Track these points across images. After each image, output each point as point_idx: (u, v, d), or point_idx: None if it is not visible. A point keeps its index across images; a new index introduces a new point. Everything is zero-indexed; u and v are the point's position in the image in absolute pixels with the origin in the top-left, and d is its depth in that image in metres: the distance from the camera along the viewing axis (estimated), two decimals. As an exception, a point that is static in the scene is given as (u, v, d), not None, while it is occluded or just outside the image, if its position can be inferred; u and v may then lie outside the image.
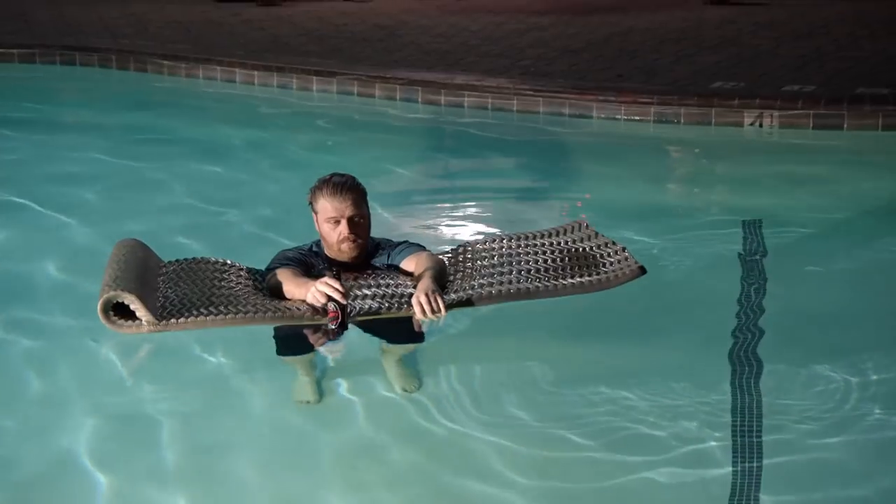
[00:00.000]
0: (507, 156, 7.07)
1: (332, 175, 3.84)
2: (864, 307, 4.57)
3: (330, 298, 3.46)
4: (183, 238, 5.32)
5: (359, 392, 3.79)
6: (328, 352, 3.99)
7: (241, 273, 3.97)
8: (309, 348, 3.90)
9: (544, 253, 3.95)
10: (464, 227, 5.66)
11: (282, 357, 3.90)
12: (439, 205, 6.11)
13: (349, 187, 3.78)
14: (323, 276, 3.59)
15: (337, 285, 3.47)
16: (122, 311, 3.48)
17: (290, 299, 3.66)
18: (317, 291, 3.47)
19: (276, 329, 3.87)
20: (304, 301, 3.57)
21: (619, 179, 6.47)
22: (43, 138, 7.43)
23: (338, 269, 3.72)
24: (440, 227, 5.68)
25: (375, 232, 4.02)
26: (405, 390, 3.76)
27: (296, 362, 3.92)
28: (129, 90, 8.78)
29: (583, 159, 6.96)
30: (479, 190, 6.43)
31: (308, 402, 3.74)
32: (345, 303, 3.47)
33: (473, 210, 6.07)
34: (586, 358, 4.09)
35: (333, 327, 3.48)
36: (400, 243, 3.99)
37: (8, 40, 9.66)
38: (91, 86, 8.91)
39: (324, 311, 3.48)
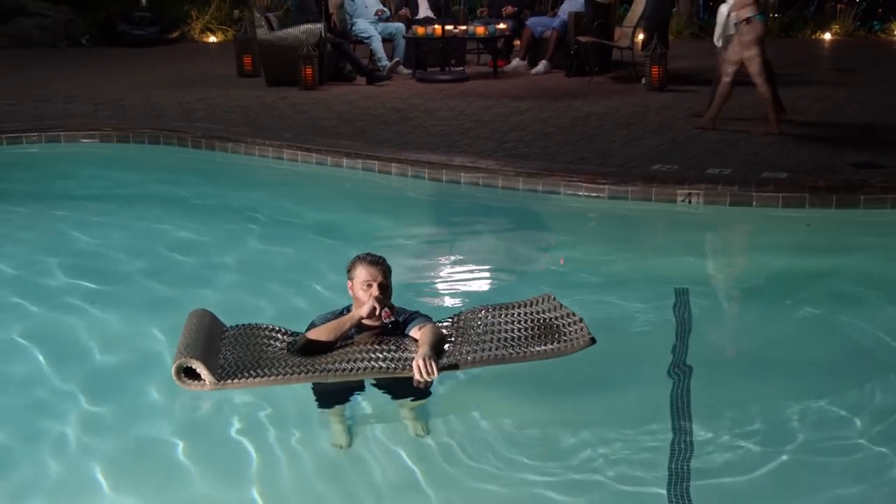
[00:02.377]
0: (492, 226, 7.14)
1: (368, 253, 4.08)
2: (774, 355, 4.62)
3: (383, 306, 3.89)
4: (240, 297, 5.39)
5: (378, 437, 3.91)
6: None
7: (286, 337, 4.06)
8: (341, 402, 4.02)
9: (518, 322, 4.04)
10: (457, 288, 5.73)
11: (320, 408, 4.01)
12: (438, 268, 6.17)
13: (381, 262, 4.02)
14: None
15: (382, 300, 3.92)
16: (191, 373, 3.61)
17: (333, 340, 3.85)
18: (373, 302, 3.85)
19: (314, 385, 3.97)
20: (353, 322, 3.93)
21: (579, 246, 6.56)
22: (134, 206, 7.55)
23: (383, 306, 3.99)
24: (438, 285, 5.77)
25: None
26: (417, 434, 3.90)
27: (330, 412, 4.02)
28: (200, 165, 8.85)
29: (552, 229, 7.05)
30: (470, 252, 6.49)
31: (340, 444, 3.84)
32: (391, 306, 3.98)
33: (465, 271, 6.14)
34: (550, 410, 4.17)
35: (389, 321, 3.96)
36: (413, 312, 4.10)
37: (108, 123, 9.77)
38: (171, 161, 8.99)
39: (380, 315, 3.90)
